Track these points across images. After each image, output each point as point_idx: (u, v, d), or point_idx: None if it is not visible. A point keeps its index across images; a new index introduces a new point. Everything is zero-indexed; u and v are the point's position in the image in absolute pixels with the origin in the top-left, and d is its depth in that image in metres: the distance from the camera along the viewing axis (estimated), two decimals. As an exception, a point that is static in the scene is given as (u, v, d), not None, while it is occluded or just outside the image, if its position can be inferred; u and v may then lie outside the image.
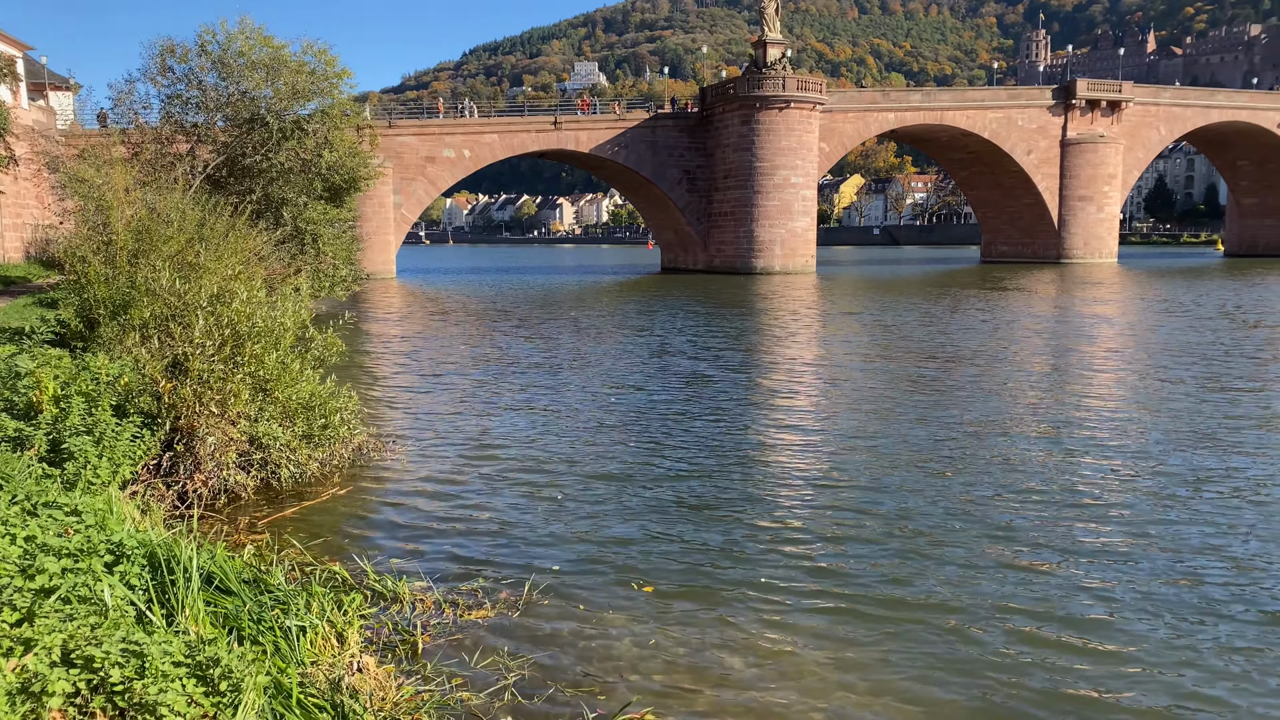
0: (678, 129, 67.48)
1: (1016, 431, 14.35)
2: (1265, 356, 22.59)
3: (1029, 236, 77.45)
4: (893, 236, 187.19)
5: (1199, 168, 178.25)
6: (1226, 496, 10.88)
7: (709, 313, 35.85)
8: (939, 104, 72.00)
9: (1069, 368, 21.14)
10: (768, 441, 13.78)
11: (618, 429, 14.68)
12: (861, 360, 22.45)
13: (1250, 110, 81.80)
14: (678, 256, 73.64)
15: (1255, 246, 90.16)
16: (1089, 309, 36.73)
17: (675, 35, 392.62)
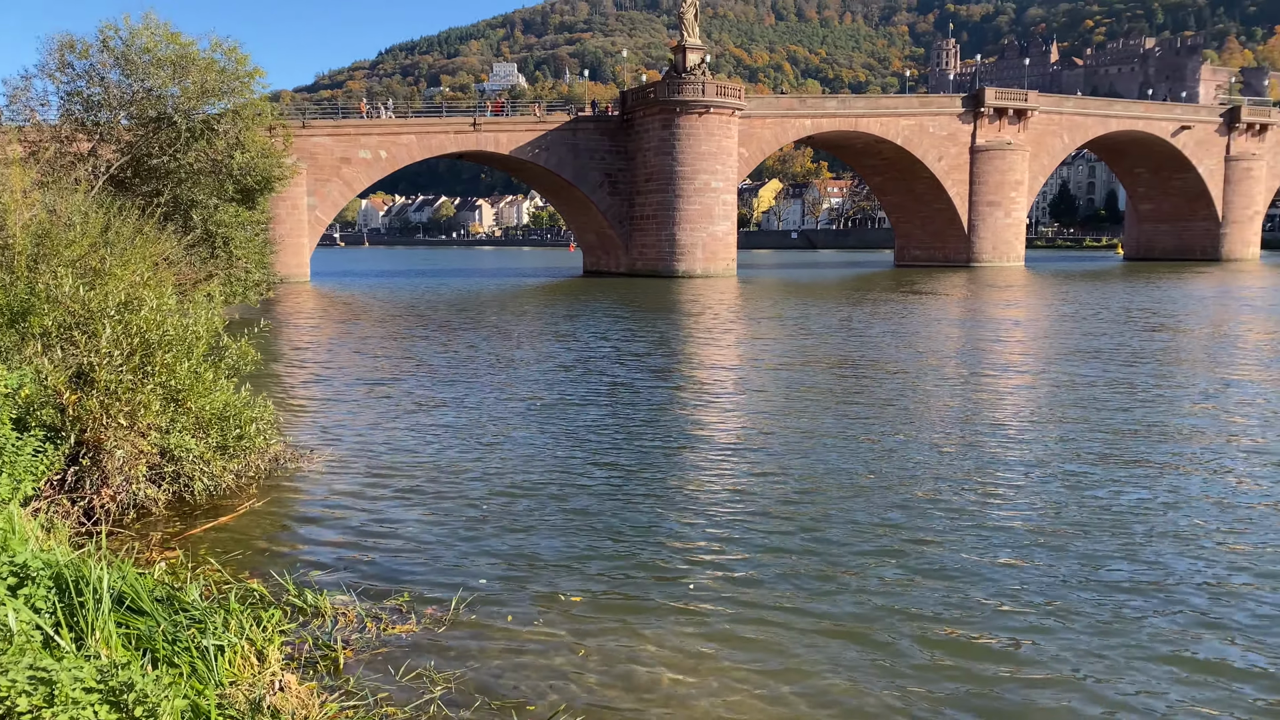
0: (599, 132, 67.53)
1: (933, 437, 14.73)
2: (1168, 359, 23.65)
3: (941, 241, 79.63)
4: (810, 240, 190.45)
5: (1100, 174, 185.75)
6: (1136, 501, 11.35)
7: (632, 317, 35.96)
8: (854, 111, 73.55)
9: (983, 372, 21.78)
10: (692, 449, 13.86)
11: (541, 438, 14.60)
12: (783, 365, 22.78)
13: (1146, 120, 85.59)
14: (600, 259, 73.68)
15: (1152, 250, 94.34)
16: (1000, 312, 37.96)
17: (595, 38, 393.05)
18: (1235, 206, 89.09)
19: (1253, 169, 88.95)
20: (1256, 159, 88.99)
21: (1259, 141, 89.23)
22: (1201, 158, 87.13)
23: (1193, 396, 18.01)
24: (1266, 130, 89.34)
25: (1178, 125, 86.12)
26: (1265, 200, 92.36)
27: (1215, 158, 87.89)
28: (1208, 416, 16.10)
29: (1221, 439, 14.35)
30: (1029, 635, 7.41)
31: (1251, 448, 13.78)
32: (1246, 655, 7.11)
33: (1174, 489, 11.57)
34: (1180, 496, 11.24)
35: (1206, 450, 13.60)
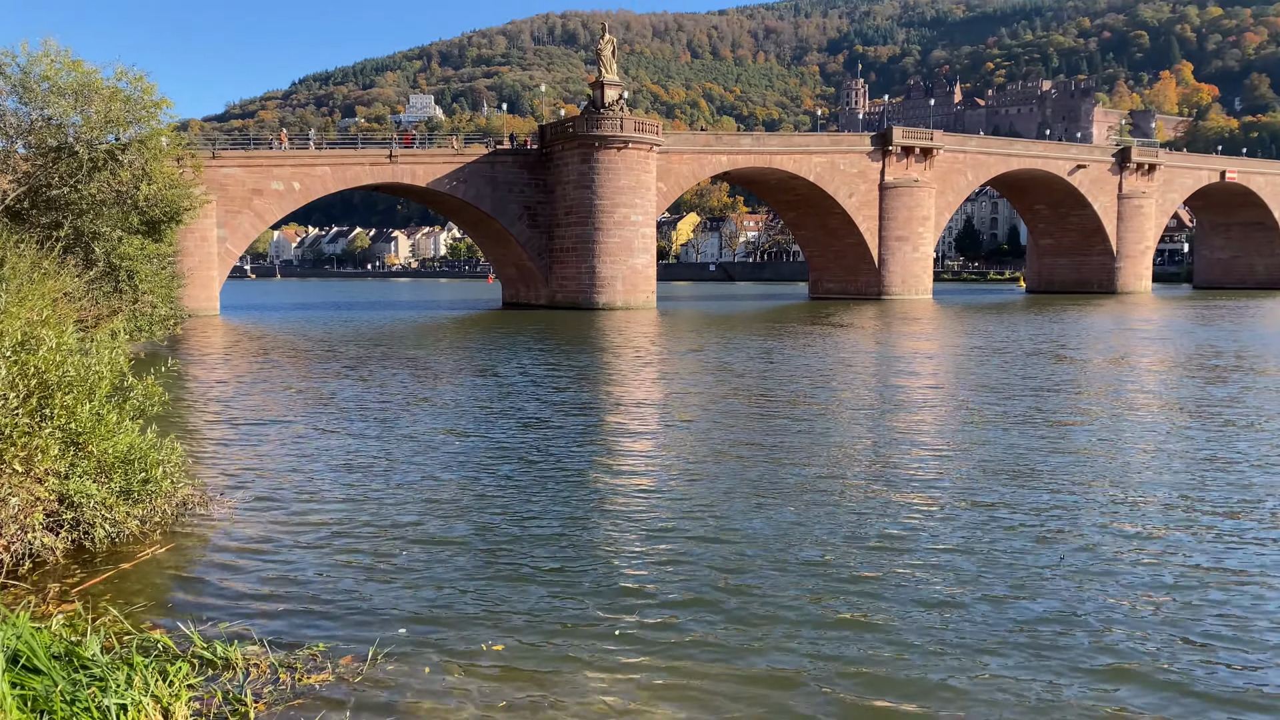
0: (518, 165, 67.57)
1: (852, 473, 14.99)
2: (1074, 390, 24.58)
3: (853, 274, 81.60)
4: (728, 273, 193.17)
5: (1002, 210, 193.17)
6: (1041, 532, 11.72)
7: (552, 350, 35.87)
8: (768, 148, 75.18)
9: (899, 406, 22.31)
10: (613, 490, 13.79)
11: (459, 479, 14.36)
12: (704, 400, 22.97)
13: (1044, 159, 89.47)
14: (519, 292, 73.43)
15: (1053, 284, 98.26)
16: (912, 344, 39.00)
17: (513, 72, 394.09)
18: (1128, 241, 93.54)
19: (1143, 206, 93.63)
20: (1146, 197, 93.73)
21: (1148, 180, 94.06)
22: (1096, 195, 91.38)
23: (1097, 429, 18.73)
24: (1155, 170, 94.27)
25: (1074, 164, 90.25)
26: (1155, 236, 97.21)
27: (1109, 195, 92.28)
28: (1112, 449, 16.76)
29: (1128, 471, 14.95)
30: (953, 674, 7.56)
31: (1153, 479, 14.39)
32: (1159, 682, 7.39)
33: (1083, 524, 11.99)
34: (1091, 530, 11.66)
35: (1113, 482, 14.15)
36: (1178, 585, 9.50)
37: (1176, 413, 20.54)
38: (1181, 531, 11.40)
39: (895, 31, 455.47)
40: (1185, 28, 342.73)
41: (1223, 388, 24.41)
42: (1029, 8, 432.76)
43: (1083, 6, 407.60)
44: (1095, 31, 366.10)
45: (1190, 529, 11.51)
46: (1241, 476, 14.25)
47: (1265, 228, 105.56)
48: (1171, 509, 12.42)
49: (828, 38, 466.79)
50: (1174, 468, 14.96)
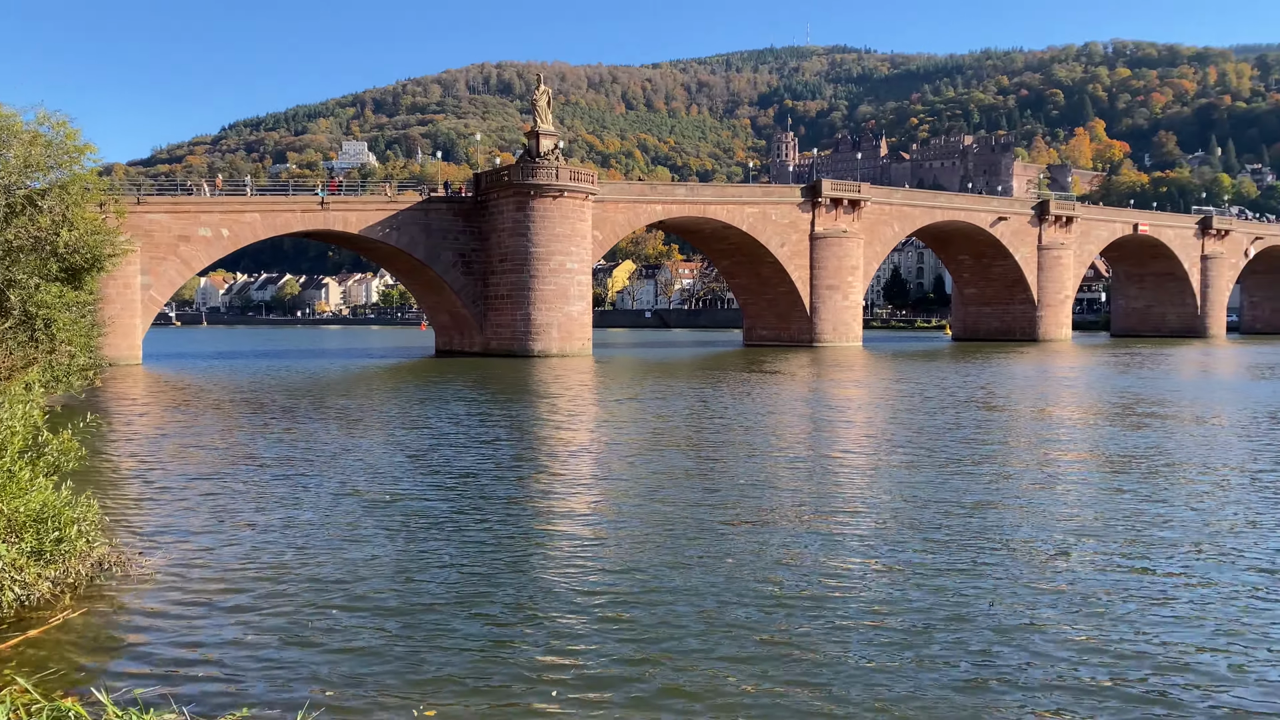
0: (452, 212, 67.43)
1: (787, 525, 15.06)
2: (1001, 438, 25.13)
3: (785, 322, 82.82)
4: (663, 320, 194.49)
5: (928, 260, 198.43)
6: (971, 583, 11.90)
7: (486, 399, 35.56)
8: (702, 198, 76.38)
9: (830, 454, 22.55)
10: (545, 547, 13.53)
11: (386, 538, 13.97)
12: (638, 451, 22.93)
13: (967, 211, 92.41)
14: (453, 339, 72.85)
15: (977, 331, 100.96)
16: (845, 392, 39.59)
17: (448, 120, 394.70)
18: (1049, 291, 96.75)
19: (1062, 257, 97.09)
20: (1065, 248, 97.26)
21: (1066, 232, 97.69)
22: (1017, 246, 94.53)
23: (1024, 478, 19.16)
24: (1072, 222, 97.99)
25: (996, 216, 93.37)
26: (1074, 285, 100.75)
27: (1029, 246, 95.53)
28: (1038, 498, 17.15)
29: (1055, 520, 15.30)
30: None
31: (1079, 526, 14.75)
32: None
33: (1013, 576, 12.20)
34: (1019, 578, 11.87)
35: (1040, 533, 14.45)
36: (1101, 631, 9.70)
37: (1100, 460, 21.14)
38: (1107, 576, 11.67)
39: (823, 87, 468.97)
40: (1097, 87, 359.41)
41: (1143, 434, 25.22)
42: (950, 66, 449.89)
43: (1001, 66, 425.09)
44: (1014, 89, 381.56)
45: (1112, 572, 11.79)
46: (1166, 520, 14.69)
47: (1176, 278, 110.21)
48: (1097, 556, 12.72)
49: (758, 92, 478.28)
50: (1098, 514, 15.35)
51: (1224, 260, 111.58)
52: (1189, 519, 14.90)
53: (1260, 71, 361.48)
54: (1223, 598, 10.88)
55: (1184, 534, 13.87)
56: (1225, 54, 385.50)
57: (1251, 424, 27.31)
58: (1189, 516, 15.08)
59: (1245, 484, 17.91)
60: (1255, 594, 11.03)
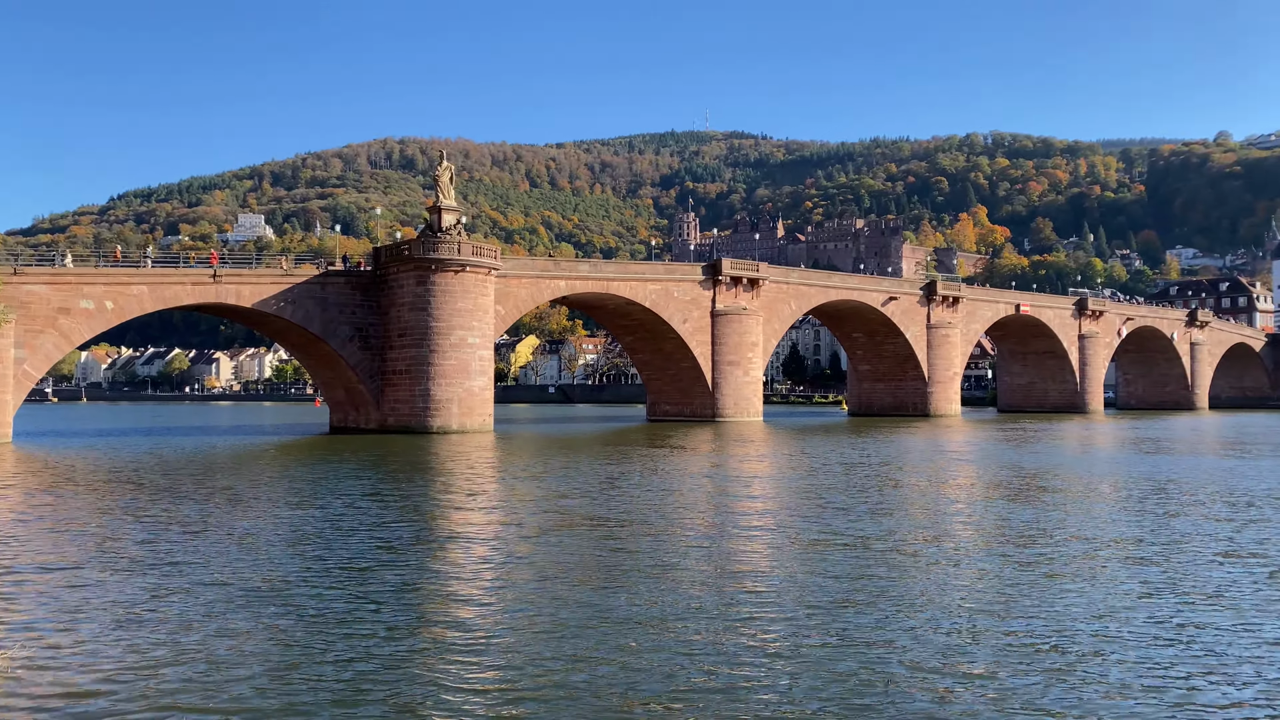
0: (350, 286, 66.30)
1: (688, 609, 14.86)
2: (895, 513, 25.53)
3: (688, 397, 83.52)
4: (567, 395, 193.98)
5: (824, 337, 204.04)
6: (871, 663, 11.88)
7: (381, 478, 34.51)
8: (605, 275, 77.09)
9: (731, 533, 22.50)
10: (436, 637, 12.89)
11: (265, 630, 13.05)
12: (538, 530, 22.49)
13: (860, 291, 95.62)
14: (348, 415, 70.93)
15: (872, 407, 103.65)
16: (747, 466, 39.85)
17: (348, 194, 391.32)
18: (938, 368, 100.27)
19: (950, 335, 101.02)
20: (952, 327, 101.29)
21: (953, 311, 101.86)
22: (908, 325, 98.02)
23: (926, 554, 19.44)
24: (958, 302, 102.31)
25: (887, 296, 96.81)
26: (961, 362, 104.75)
27: (919, 325, 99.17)
28: (941, 574, 17.38)
29: (950, 595, 15.49)
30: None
31: (972, 600, 14.96)
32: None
33: (915, 660, 12.23)
34: (924, 666, 11.90)
35: (943, 610, 14.60)
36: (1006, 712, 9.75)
37: (990, 533, 21.64)
38: (1012, 658, 11.80)
39: (723, 170, 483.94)
40: (979, 175, 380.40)
41: (1035, 509, 26.00)
42: (842, 153, 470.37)
43: (890, 154, 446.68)
44: (901, 176, 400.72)
45: (1019, 651, 11.94)
46: (1062, 596, 15.02)
47: (1056, 356, 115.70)
48: (1002, 637, 12.88)
49: (660, 173, 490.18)
50: (990, 588, 15.61)
51: (1099, 339, 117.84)
52: (1084, 590, 15.28)
53: (1125, 165, 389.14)
54: (1119, 664, 11.10)
55: (1079, 608, 14.20)
56: (1094, 147, 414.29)
57: (1136, 497, 28.47)
58: (1084, 588, 15.47)
59: (1136, 556, 18.54)
60: (1151, 663, 11.29)
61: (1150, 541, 19.88)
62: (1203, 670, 11.07)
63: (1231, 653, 11.77)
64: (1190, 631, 12.73)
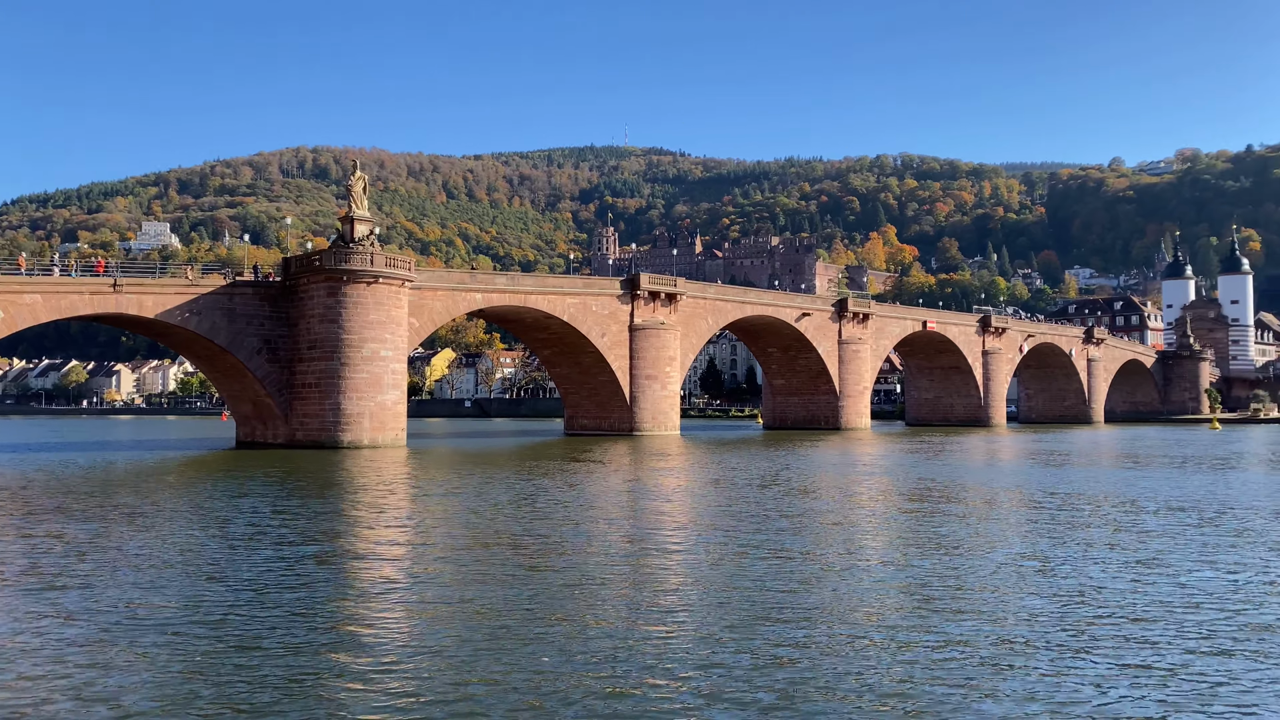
0: (259, 297, 64.54)
1: (605, 626, 14.82)
2: (808, 525, 25.92)
3: (606, 411, 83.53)
4: (484, 409, 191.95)
5: (741, 352, 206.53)
6: (786, 672, 12.01)
7: (288, 495, 33.59)
8: (523, 288, 76.70)
9: (648, 547, 22.51)
10: (341, 660, 12.50)
11: (158, 657, 12.52)
12: (451, 548, 22.18)
13: (774, 307, 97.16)
14: (255, 429, 68.90)
15: (786, 420, 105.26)
16: (664, 480, 39.99)
17: (259, 203, 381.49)
18: (849, 382, 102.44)
19: (860, 351, 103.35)
20: (862, 342, 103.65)
21: (863, 328, 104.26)
22: (820, 340, 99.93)
23: (838, 564, 19.78)
24: (868, 319, 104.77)
25: (800, 312, 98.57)
26: (871, 377, 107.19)
27: (831, 340, 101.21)
28: (852, 584, 17.70)
29: (862, 604, 15.79)
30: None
31: (881, 608, 15.27)
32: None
33: (828, 671, 12.43)
34: (838, 674, 12.09)
35: (854, 624, 14.86)
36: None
37: (901, 546, 22.15)
38: (919, 666, 12.07)
39: (641, 186, 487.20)
40: (889, 196, 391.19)
41: (939, 520, 26.70)
42: (758, 172, 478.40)
43: (803, 173, 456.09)
44: (815, 195, 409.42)
45: (923, 664, 12.23)
46: (968, 605, 15.45)
47: (961, 371, 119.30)
48: (901, 646, 13.18)
49: (580, 187, 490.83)
50: (901, 600, 15.98)
51: (1002, 355, 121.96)
52: (989, 599, 15.75)
53: (1026, 188, 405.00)
54: (1026, 673, 11.47)
55: (988, 617, 14.63)
56: (997, 170, 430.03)
57: (1040, 508, 29.49)
58: (989, 598, 15.95)
59: (1041, 566, 19.18)
60: (1058, 671, 11.69)
61: (1054, 551, 20.61)
62: (1108, 674, 11.51)
63: (1133, 660, 12.27)
64: (1094, 638, 13.22)
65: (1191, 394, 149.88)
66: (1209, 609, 14.90)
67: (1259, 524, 25.07)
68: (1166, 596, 15.88)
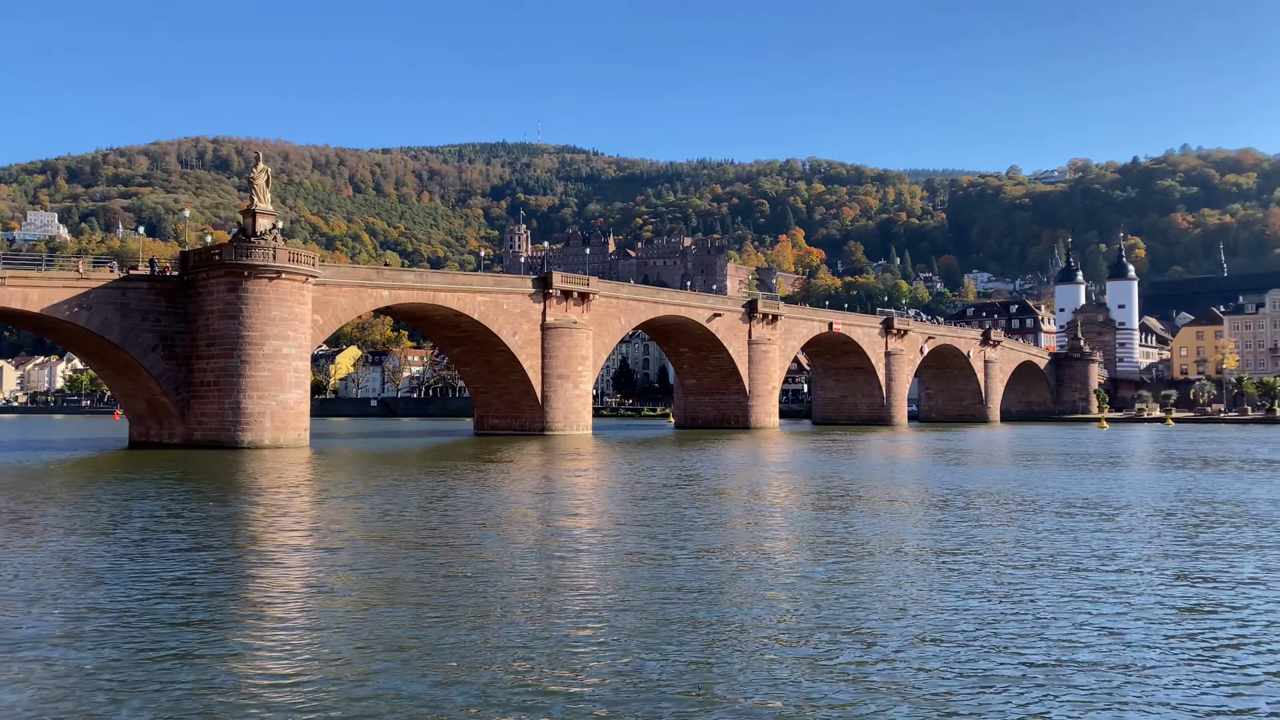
0: (154, 292, 62.03)
1: (511, 629, 14.71)
2: (716, 524, 26.16)
3: (517, 410, 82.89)
4: (390, 408, 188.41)
5: (653, 352, 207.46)
6: (693, 671, 12.09)
7: (184, 497, 32.37)
8: (432, 285, 75.51)
9: (557, 548, 22.44)
10: (235, 675, 12.09)
11: (40, 677, 11.93)
12: (357, 551, 21.70)
13: (686, 307, 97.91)
14: (150, 429, 66.23)
15: (697, 419, 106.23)
16: (575, 480, 39.88)
17: (155, 194, 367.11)
18: (758, 382, 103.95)
19: (769, 351, 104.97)
20: (771, 343, 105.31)
21: (772, 328, 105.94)
22: (731, 340, 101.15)
23: (744, 561, 20.00)
24: (777, 319, 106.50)
25: (712, 313, 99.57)
26: (780, 377, 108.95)
27: (741, 341, 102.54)
28: (756, 580, 17.91)
29: (772, 601, 16.00)
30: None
31: (790, 607, 15.50)
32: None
33: (735, 669, 12.55)
34: (746, 671, 12.21)
35: (761, 621, 15.04)
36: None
37: (807, 542, 22.55)
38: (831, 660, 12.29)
39: (554, 184, 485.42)
40: (797, 199, 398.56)
41: (845, 517, 27.28)
42: (671, 173, 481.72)
43: (715, 175, 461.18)
44: (726, 197, 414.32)
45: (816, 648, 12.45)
46: (864, 597, 15.80)
47: (865, 371, 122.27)
48: (806, 642, 13.40)
49: (491, 184, 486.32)
50: (808, 595, 16.26)
51: (904, 356, 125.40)
52: (895, 594, 16.14)
53: (929, 194, 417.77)
54: (927, 667, 11.78)
55: (892, 610, 14.99)
56: (901, 176, 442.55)
57: (940, 505, 30.39)
58: (895, 592, 16.34)
59: (942, 560, 19.75)
60: (958, 661, 12.03)
61: (954, 545, 21.25)
62: (1001, 665, 11.91)
63: (1032, 648, 12.72)
64: (987, 628, 13.67)
65: (1082, 394, 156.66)
66: (1109, 603, 15.57)
67: (1149, 520, 26.36)
68: (1064, 586, 16.53)
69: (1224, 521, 25.85)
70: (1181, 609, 15.10)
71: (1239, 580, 17.48)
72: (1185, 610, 15.00)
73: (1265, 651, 12.71)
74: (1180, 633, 13.61)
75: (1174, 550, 20.87)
